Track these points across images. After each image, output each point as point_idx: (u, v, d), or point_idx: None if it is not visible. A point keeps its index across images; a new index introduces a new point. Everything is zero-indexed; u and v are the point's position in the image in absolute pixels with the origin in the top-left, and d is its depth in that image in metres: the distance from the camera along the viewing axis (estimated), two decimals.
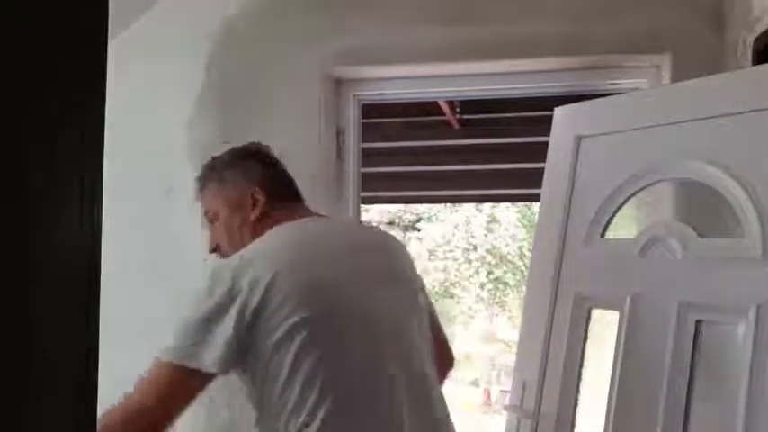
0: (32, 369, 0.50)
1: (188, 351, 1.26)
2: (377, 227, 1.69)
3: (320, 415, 1.24)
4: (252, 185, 1.50)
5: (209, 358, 1.26)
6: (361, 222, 1.63)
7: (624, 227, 1.90)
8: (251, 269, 1.29)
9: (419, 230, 13.80)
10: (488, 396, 11.93)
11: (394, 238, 1.74)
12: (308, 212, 1.53)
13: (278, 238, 1.41)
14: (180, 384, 1.28)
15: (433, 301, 1.65)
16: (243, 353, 1.28)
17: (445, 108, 3.95)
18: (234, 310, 1.26)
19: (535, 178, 2.25)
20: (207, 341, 1.26)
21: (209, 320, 1.27)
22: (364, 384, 1.33)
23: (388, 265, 1.50)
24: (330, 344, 1.30)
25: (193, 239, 2.37)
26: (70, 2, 0.52)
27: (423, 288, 1.55)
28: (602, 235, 1.84)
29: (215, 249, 1.57)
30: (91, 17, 0.54)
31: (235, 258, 1.35)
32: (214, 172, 1.56)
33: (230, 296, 1.27)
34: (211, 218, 1.56)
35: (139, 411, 1.26)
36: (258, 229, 1.46)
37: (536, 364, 1.89)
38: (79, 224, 0.53)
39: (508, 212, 12.50)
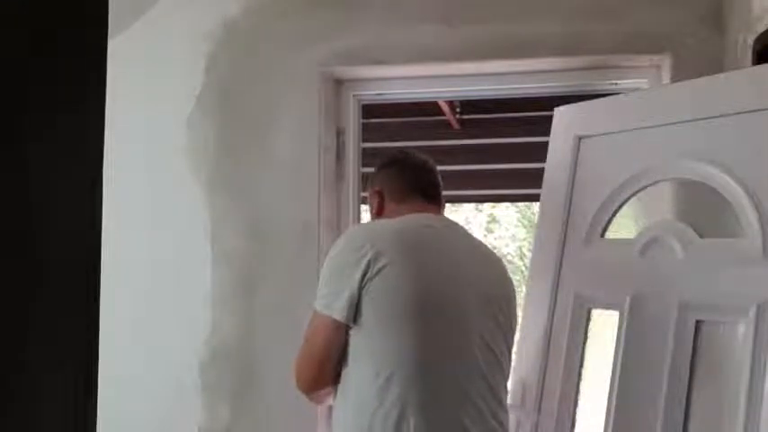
0: (32, 368, 0.50)
1: None
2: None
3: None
4: (375, 188, 1.82)
5: None
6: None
7: (624, 227, 1.90)
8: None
9: None
10: None
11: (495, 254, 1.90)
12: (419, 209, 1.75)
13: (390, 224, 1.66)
14: None
15: None
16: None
17: (445, 108, 3.96)
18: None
19: (535, 178, 2.25)
20: None
21: None
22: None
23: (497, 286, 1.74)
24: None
25: (194, 239, 2.37)
26: (70, 2, 0.52)
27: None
28: (602, 235, 1.84)
29: None
30: (91, 17, 0.54)
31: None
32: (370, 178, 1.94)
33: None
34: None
35: None
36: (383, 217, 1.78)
37: (536, 364, 1.89)
38: (80, 223, 0.53)
39: (508, 212, 12.48)
